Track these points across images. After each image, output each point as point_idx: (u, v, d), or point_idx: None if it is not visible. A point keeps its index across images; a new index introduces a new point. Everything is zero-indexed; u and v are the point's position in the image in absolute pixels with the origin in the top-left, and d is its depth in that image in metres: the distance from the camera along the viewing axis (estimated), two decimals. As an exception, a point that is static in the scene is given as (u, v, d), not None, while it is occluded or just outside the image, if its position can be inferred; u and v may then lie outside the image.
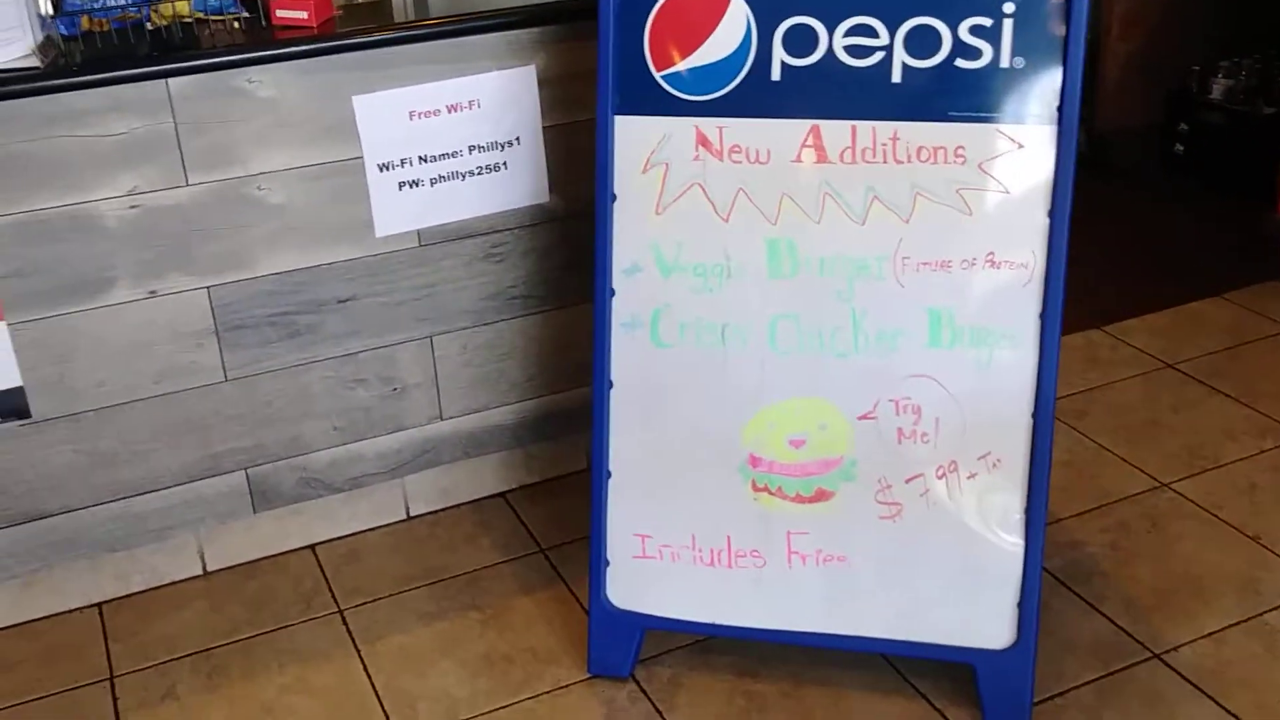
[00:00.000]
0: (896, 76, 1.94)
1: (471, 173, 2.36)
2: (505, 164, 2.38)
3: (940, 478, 2.07)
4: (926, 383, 2.04)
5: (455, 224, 2.40)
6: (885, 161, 1.97)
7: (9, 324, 2.14)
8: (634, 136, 2.05)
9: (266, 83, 2.16)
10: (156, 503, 2.37)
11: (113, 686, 2.25)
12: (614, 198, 2.08)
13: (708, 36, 1.98)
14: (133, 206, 2.15)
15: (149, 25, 2.08)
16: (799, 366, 2.07)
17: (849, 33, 1.94)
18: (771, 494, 2.12)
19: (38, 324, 2.16)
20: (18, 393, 2.18)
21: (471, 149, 2.34)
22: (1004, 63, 1.90)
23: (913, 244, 1.99)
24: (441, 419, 2.56)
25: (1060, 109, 1.91)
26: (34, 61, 1.98)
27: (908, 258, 2.00)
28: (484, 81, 2.31)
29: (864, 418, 2.07)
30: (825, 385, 2.07)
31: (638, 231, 2.08)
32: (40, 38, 2.00)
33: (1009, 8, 1.89)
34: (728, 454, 2.12)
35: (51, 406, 2.22)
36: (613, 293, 2.11)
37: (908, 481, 2.08)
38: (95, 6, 2.02)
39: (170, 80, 2.09)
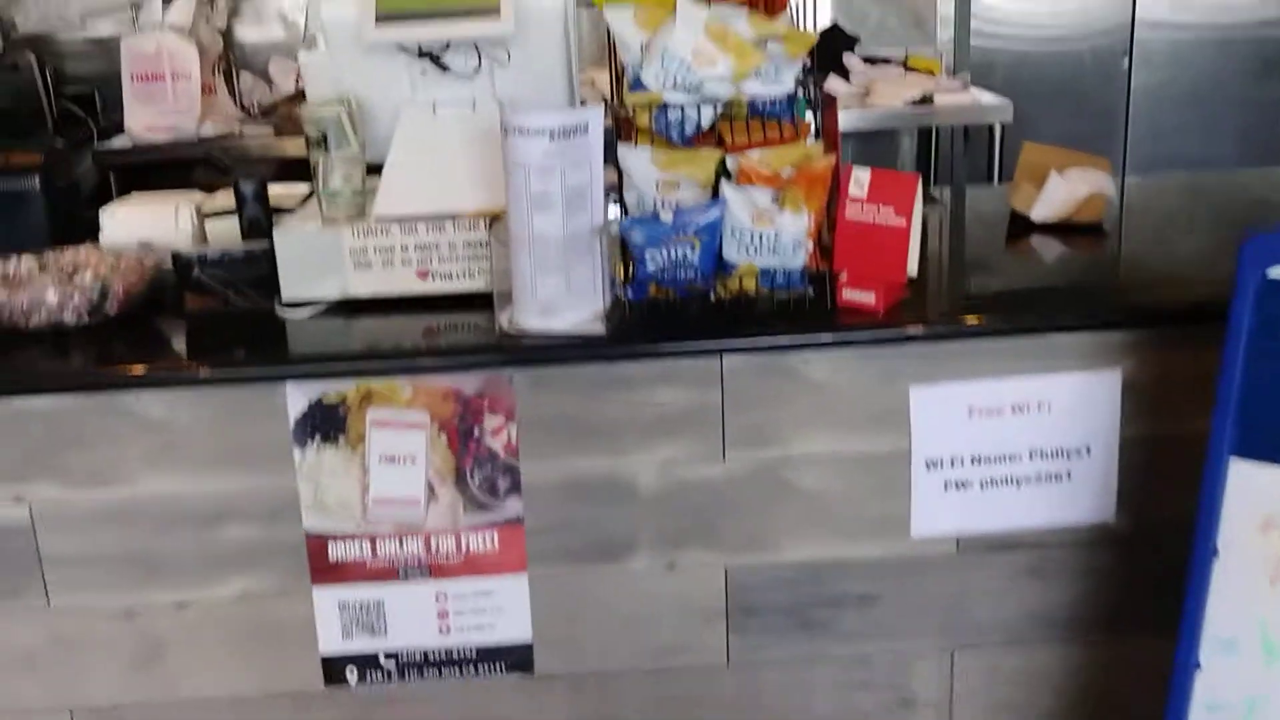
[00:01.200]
0: None
1: (1029, 479, 2.08)
2: (1069, 474, 2.08)
3: None
4: None
5: (1000, 532, 2.13)
6: None
7: (530, 575, 2.10)
8: (1255, 487, 1.70)
9: (819, 364, 2.02)
10: (635, 779, 2.23)
11: None
12: (1216, 553, 1.73)
13: (1372, 384, 1.62)
14: (667, 476, 2.06)
15: (711, 297, 2.00)
16: None
17: None
18: None
19: (556, 580, 2.10)
20: (526, 647, 2.13)
21: (1032, 454, 2.07)
22: None
23: None
24: (949, 740, 2.26)
25: None
26: (599, 328, 1.96)
27: None
28: (1058, 382, 2.04)
29: None
30: None
31: (1243, 601, 1.71)
32: (608, 302, 1.98)
33: None
34: None
35: (554, 664, 2.15)
36: (1198, 666, 1.74)
37: None
38: (666, 278, 1.96)
39: (725, 356, 2.00)
